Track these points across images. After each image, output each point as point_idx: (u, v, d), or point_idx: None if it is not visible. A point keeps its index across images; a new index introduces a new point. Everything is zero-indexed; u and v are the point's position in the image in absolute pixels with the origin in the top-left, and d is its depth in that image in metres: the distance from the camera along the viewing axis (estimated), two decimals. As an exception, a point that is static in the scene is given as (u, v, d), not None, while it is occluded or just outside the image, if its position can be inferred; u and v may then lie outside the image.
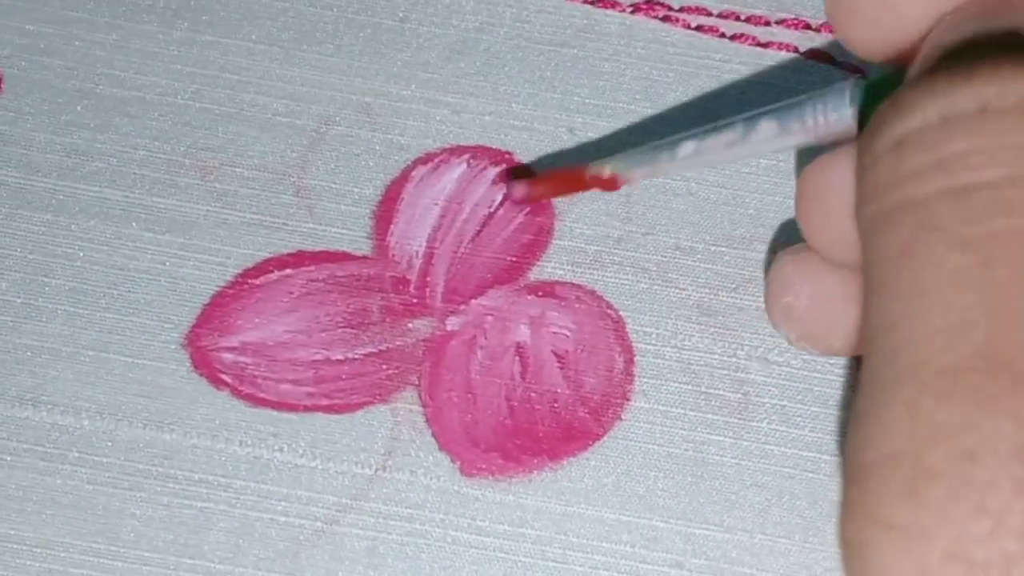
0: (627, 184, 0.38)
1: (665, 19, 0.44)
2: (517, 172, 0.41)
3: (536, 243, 0.41)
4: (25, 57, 0.43)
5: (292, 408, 0.39)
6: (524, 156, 0.42)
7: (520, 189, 0.40)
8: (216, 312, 0.40)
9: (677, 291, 0.41)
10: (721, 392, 0.40)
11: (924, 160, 0.26)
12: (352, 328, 0.40)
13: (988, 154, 0.25)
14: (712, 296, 0.40)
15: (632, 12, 0.44)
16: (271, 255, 0.41)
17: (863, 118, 0.32)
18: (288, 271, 0.41)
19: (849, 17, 0.31)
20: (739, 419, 0.39)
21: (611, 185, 0.37)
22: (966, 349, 0.24)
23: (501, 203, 0.41)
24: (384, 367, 0.40)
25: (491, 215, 0.41)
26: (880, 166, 0.26)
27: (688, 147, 0.36)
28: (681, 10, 0.44)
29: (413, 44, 0.43)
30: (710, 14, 0.44)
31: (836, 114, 0.33)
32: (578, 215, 0.41)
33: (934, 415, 0.24)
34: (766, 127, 0.34)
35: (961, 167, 0.25)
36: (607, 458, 0.39)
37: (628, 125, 0.43)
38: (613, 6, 0.44)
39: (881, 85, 0.32)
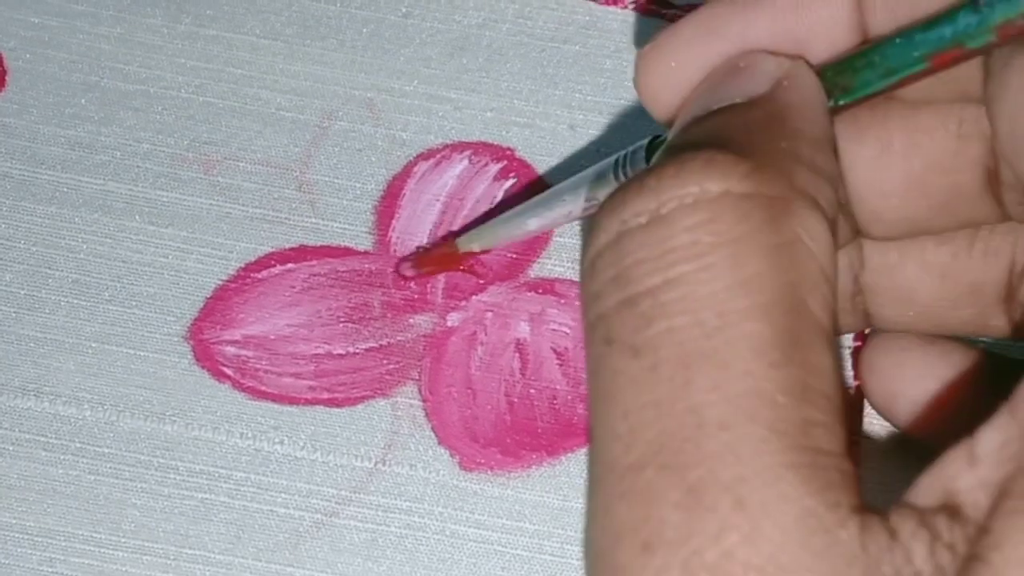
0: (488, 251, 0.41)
1: (666, 16, 0.44)
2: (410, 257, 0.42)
3: (536, 240, 0.41)
4: (30, 50, 0.43)
5: (293, 401, 0.39)
6: (526, 152, 0.42)
7: (407, 268, 0.41)
8: (218, 305, 0.40)
9: (676, 289, 0.41)
10: (719, 389, 0.40)
11: (607, 276, 0.27)
12: (353, 323, 0.40)
13: (651, 262, 0.27)
14: (711, 293, 0.41)
15: (634, 9, 0.44)
16: (273, 249, 0.41)
17: None
18: (290, 265, 0.41)
19: (648, 79, 0.33)
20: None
21: (479, 255, 0.40)
22: (641, 448, 0.26)
23: (503, 200, 0.42)
24: (385, 362, 0.40)
25: (492, 211, 0.41)
26: (583, 284, 0.28)
27: (533, 223, 0.39)
28: (684, 7, 0.44)
29: (416, 40, 0.43)
30: (712, 12, 0.44)
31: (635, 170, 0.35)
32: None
33: (619, 513, 0.26)
34: (586, 199, 0.37)
35: (631, 278, 0.27)
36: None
37: (629, 121, 0.43)
38: (615, 3, 0.44)
39: None
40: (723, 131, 0.29)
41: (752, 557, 0.24)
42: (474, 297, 0.40)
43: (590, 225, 0.29)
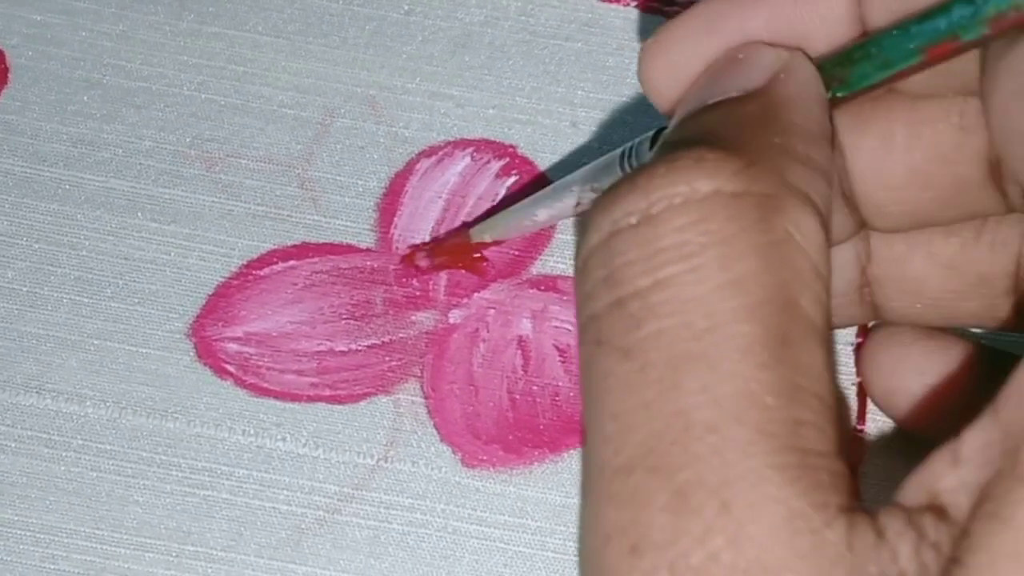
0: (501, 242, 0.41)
1: (668, 13, 0.44)
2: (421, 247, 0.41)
3: (538, 237, 0.41)
4: (32, 47, 0.43)
5: (295, 398, 0.39)
6: (528, 150, 0.42)
7: (421, 258, 0.41)
8: (220, 302, 0.40)
9: (678, 286, 0.41)
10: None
11: (598, 276, 0.27)
12: (355, 320, 0.40)
13: (641, 263, 0.27)
14: (713, 291, 0.41)
15: (636, 6, 0.44)
16: (275, 246, 0.41)
17: None
18: (292, 262, 0.41)
19: (651, 72, 0.33)
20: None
21: (491, 245, 0.40)
22: (630, 451, 0.26)
23: (514, 194, 0.42)
24: (387, 359, 0.40)
25: (504, 203, 0.41)
26: (576, 284, 0.28)
27: (542, 213, 0.39)
28: (684, 4, 0.44)
29: (418, 37, 0.44)
30: (714, 9, 0.44)
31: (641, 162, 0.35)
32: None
33: (607, 515, 0.26)
34: (592, 190, 0.37)
35: (621, 279, 0.27)
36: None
37: (632, 119, 0.43)
38: (617, 0, 0.44)
39: None
40: (716, 127, 0.29)
41: (737, 560, 0.24)
42: (476, 294, 0.40)
43: (583, 224, 0.29)
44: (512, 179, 0.42)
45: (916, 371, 0.36)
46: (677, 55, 0.32)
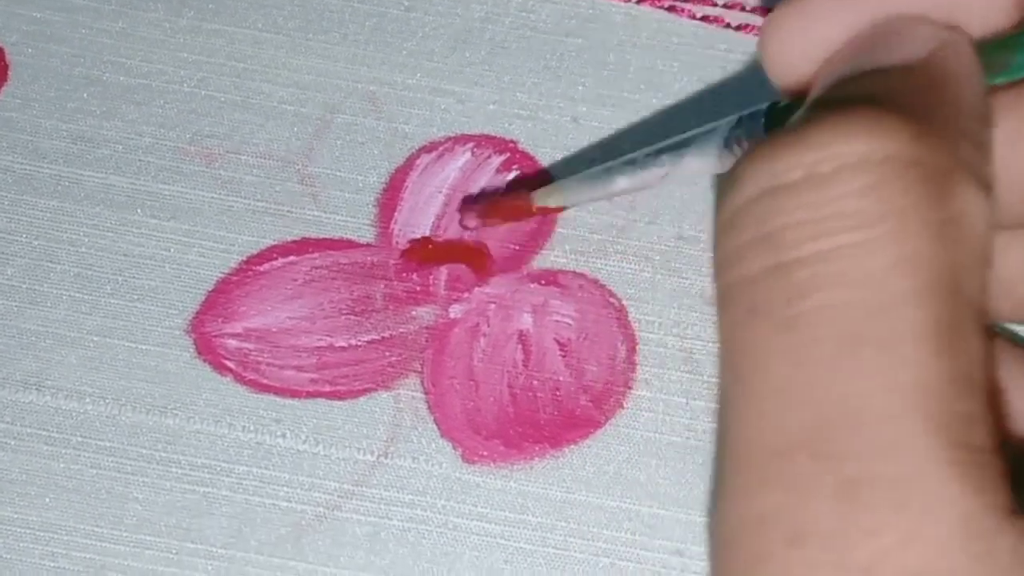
0: (565, 209, 0.39)
1: (670, 9, 0.44)
2: (468, 199, 0.41)
3: (539, 232, 0.41)
4: (32, 44, 0.43)
5: (295, 394, 0.39)
6: (528, 145, 0.42)
7: (471, 217, 0.40)
8: (220, 298, 0.40)
9: (679, 280, 0.41)
10: (723, 381, 0.40)
11: (752, 235, 0.25)
12: (355, 315, 0.40)
13: (808, 226, 0.25)
14: (715, 286, 0.41)
15: (637, 2, 0.44)
16: (275, 242, 0.41)
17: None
18: (292, 258, 0.41)
19: (779, 45, 0.30)
20: (741, 408, 0.39)
21: (554, 212, 0.39)
22: (793, 432, 0.24)
23: (505, 192, 0.42)
24: (387, 354, 0.40)
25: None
26: (719, 242, 0.26)
27: (622, 181, 0.36)
28: (686, 0, 0.44)
29: (418, 33, 0.43)
30: (715, 4, 0.44)
31: (752, 140, 0.33)
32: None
33: (762, 499, 0.24)
34: (689, 162, 0.34)
35: (783, 242, 0.25)
36: (608, 446, 0.39)
37: (632, 115, 0.43)
38: (618, -3, 0.44)
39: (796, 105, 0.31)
40: (883, 91, 0.27)
41: (908, 560, 0.23)
42: (476, 289, 0.40)
43: (728, 178, 0.26)
44: (513, 174, 0.42)
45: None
46: (813, 26, 0.29)
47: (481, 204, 0.40)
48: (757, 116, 0.32)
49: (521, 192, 0.40)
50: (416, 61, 0.43)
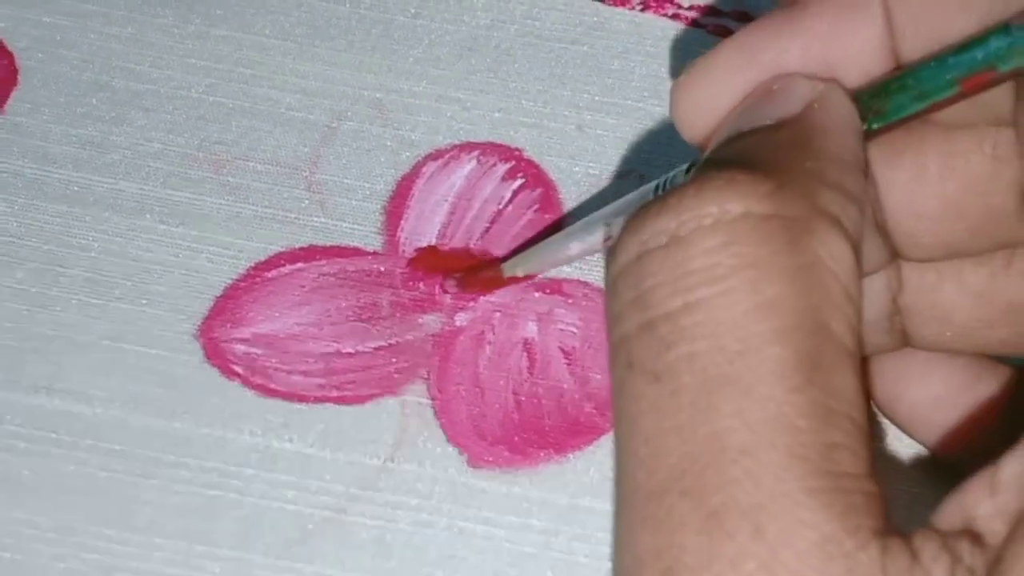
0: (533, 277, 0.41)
1: (675, 17, 0.44)
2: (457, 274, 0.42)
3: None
4: (41, 49, 0.43)
5: (302, 399, 0.40)
6: (534, 153, 0.43)
7: (451, 287, 0.41)
8: (228, 304, 0.41)
9: (683, 288, 0.41)
10: (725, 388, 0.40)
11: (629, 297, 0.27)
12: (362, 322, 0.40)
13: (670, 284, 0.27)
14: (717, 293, 0.41)
15: (642, 10, 0.44)
16: (283, 249, 0.41)
17: None
18: (299, 265, 0.41)
19: (685, 104, 0.33)
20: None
21: (523, 280, 0.41)
22: (663, 474, 0.26)
23: (511, 200, 0.42)
24: (394, 360, 0.40)
25: (500, 212, 0.42)
26: (606, 304, 0.28)
27: (574, 247, 0.39)
28: (690, 8, 0.44)
29: (425, 41, 0.44)
30: (720, 12, 0.44)
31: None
32: (586, 213, 0.41)
33: (641, 538, 0.26)
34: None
35: (650, 302, 0.27)
36: (612, 452, 0.39)
37: (637, 122, 0.43)
38: (623, 4, 0.44)
39: None
40: (748, 151, 0.29)
41: None
42: (482, 297, 0.41)
43: (613, 244, 0.29)
44: (518, 182, 0.42)
45: (920, 377, 0.36)
46: (711, 89, 0.32)
47: (459, 276, 0.41)
48: (678, 175, 0.34)
49: (494, 265, 0.41)
50: (422, 68, 0.43)
